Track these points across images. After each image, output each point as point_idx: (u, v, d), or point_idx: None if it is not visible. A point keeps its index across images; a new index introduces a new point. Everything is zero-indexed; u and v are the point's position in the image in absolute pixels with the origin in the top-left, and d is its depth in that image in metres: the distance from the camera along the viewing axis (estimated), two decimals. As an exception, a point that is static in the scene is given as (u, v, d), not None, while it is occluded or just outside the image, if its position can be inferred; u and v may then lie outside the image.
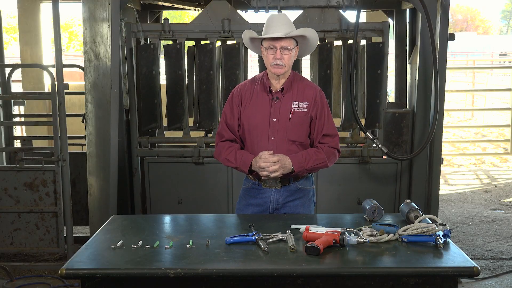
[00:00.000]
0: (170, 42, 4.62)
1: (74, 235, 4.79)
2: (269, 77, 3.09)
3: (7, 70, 5.21)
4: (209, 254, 2.47)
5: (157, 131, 4.64)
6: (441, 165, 4.50)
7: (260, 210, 3.15)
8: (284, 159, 2.98)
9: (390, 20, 4.94)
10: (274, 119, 3.05)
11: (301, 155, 3.04)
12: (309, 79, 4.75)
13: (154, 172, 4.57)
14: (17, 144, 5.53)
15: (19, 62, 9.19)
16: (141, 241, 2.58)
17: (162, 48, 4.61)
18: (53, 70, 4.71)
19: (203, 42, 4.59)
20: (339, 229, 2.58)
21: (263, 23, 4.38)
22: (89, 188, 4.39)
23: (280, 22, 3.00)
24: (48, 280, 4.48)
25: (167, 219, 3.11)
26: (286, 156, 2.99)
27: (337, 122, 4.62)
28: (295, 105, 3.05)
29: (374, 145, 4.38)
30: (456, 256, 2.43)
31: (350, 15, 4.54)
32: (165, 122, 4.64)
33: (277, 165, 2.95)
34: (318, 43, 3.85)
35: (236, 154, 3.08)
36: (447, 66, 4.45)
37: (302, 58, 4.51)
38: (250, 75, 4.02)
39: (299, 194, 3.16)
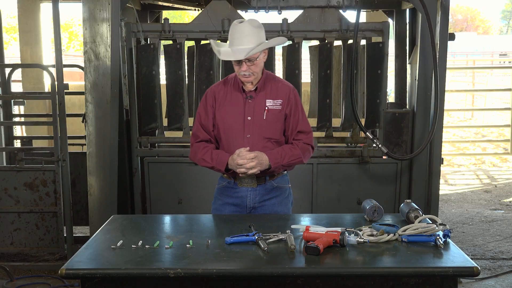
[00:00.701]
0: (170, 42, 4.62)
1: (74, 235, 4.79)
2: (239, 77, 3.11)
3: (7, 70, 5.21)
4: (209, 254, 2.47)
5: (157, 131, 4.64)
6: (441, 165, 4.50)
7: (237, 210, 3.17)
8: (260, 155, 3.00)
9: (390, 20, 4.94)
10: (249, 118, 3.07)
11: (277, 152, 3.06)
12: (309, 79, 4.78)
13: (154, 172, 4.57)
14: (17, 144, 5.53)
15: (19, 62, 9.20)
16: (141, 241, 2.58)
17: (162, 48, 4.61)
18: (53, 70, 4.71)
19: (203, 42, 4.59)
20: (339, 229, 2.57)
21: (263, 23, 4.42)
22: (89, 188, 4.39)
23: (243, 33, 2.97)
24: (48, 280, 4.48)
25: (167, 219, 3.11)
26: (263, 153, 3.01)
27: (337, 122, 4.64)
28: (269, 103, 3.08)
29: (374, 145, 4.38)
30: (456, 256, 2.43)
31: (350, 15, 4.55)
32: (165, 122, 4.64)
33: (254, 162, 2.97)
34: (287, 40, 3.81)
35: (212, 153, 3.09)
36: (447, 66, 4.45)
37: (302, 58, 4.54)
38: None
39: (275, 193, 3.18)
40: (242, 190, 3.14)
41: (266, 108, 3.07)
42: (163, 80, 4.55)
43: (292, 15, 4.58)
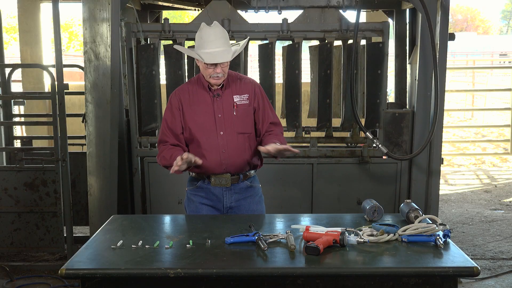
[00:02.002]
0: (170, 42, 4.62)
1: (74, 235, 4.79)
2: (206, 79, 3.13)
3: (7, 70, 5.21)
4: (209, 254, 2.47)
5: (157, 131, 4.64)
6: (441, 165, 4.50)
7: (213, 210, 3.21)
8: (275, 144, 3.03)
9: (390, 20, 4.94)
10: (220, 115, 3.12)
11: (276, 139, 3.10)
12: (309, 79, 4.78)
13: (154, 172, 4.57)
14: (17, 144, 5.53)
15: (19, 62, 9.21)
16: (141, 241, 2.58)
17: (162, 48, 4.61)
18: (53, 70, 4.71)
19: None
20: (339, 229, 2.58)
21: (263, 23, 4.43)
22: (89, 188, 4.39)
23: (217, 36, 3.02)
24: (48, 280, 4.48)
25: (167, 219, 3.12)
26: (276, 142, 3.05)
27: (337, 122, 4.64)
28: (236, 98, 3.14)
29: (374, 145, 4.38)
30: (456, 256, 2.43)
31: (350, 15, 4.55)
32: (165, 122, 4.63)
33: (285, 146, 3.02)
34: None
35: (172, 152, 3.10)
36: (447, 66, 4.45)
37: (302, 58, 4.54)
38: (249, 75, 4.03)
39: (250, 192, 3.24)
40: (216, 190, 3.18)
41: (235, 104, 3.13)
42: (163, 80, 4.55)
43: (292, 15, 4.58)
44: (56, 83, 4.50)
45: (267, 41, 4.48)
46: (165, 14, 5.52)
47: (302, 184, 4.53)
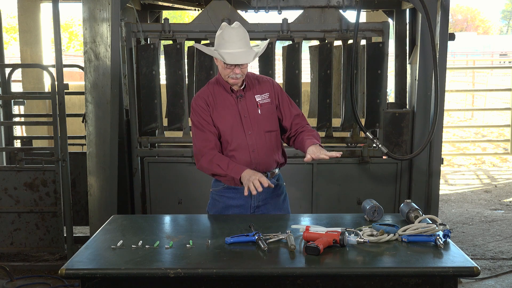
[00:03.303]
0: (170, 42, 4.62)
1: (74, 235, 4.79)
2: (224, 79, 3.11)
3: (7, 70, 5.21)
4: (209, 254, 2.47)
5: (157, 131, 4.64)
6: (441, 165, 4.50)
7: (240, 211, 3.17)
8: (318, 150, 2.99)
9: (390, 20, 4.94)
10: (245, 116, 3.12)
11: (313, 138, 3.09)
12: (309, 79, 4.78)
13: (154, 172, 4.57)
14: (17, 144, 5.53)
15: (19, 62, 9.21)
16: (141, 241, 2.58)
17: (162, 48, 4.61)
18: (53, 70, 4.71)
19: (203, 42, 4.59)
20: (339, 229, 2.58)
21: (263, 23, 4.43)
22: (89, 188, 4.39)
23: (239, 36, 3.00)
24: (48, 280, 4.49)
25: (167, 219, 3.12)
26: (315, 146, 3.01)
27: (337, 122, 4.64)
28: (258, 98, 3.15)
29: (374, 145, 4.38)
30: (456, 256, 2.43)
31: (350, 15, 4.55)
32: (165, 122, 4.63)
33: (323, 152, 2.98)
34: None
35: (228, 162, 3.05)
36: (447, 66, 4.45)
37: (302, 58, 4.54)
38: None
39: (277, 191, 3.23)
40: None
41: (258, 104, 3.14)
42: (163, 80, 4.55)
43: (292, 15, 4.58)
44: (56, 83, 4.50)
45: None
46: (165, 14, 5.52)
47: (302, 184, 4.53)
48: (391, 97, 5.37)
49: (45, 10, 8.64)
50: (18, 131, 6.41)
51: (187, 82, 4.63)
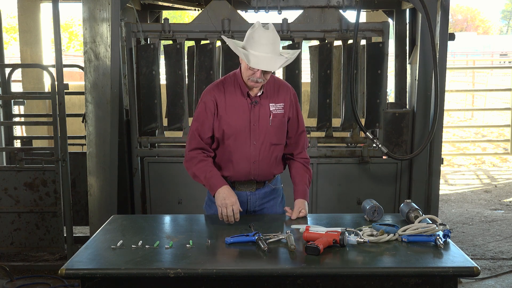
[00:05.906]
0: (170, 42, 4.62)
1: (74, 235, 4.79)
2: (244, 82, 2.94)
3: (7, 70, 5.21)
4: (209, 254, 2.47)
5: (157, 131, 4.64)
6: (441, 165, 4.50)
7: None
8: (303, 205, 3.01)
9: (390, 20, 4.94)
10: (254, 124, 2.95)
11: (305, 189, 3.08)
12: (309, 79, 4.77)
13: (154, 172, 4.57)
14: (17, 144, 5.53)
15: (19, 62, 9.20)
16: (141, 241, 2.58)
17: (162, 48, 4.61)
18: (53, 70, 4.71)
19: (203, 42, 4.59)
20: (339, 229, 2.58)
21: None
22: (89, 188, 4.39)
23: (269, 40, 2.84)
24: (48, 280, 4.49)
25: (167, 219, 3.11)
26: (302, 201, 3.02)
27: (337, 122, 4.64)
28: (272, 107, 2.97)
29: (374, 145, 4.38)
30: (456, 256, 2.43)
31: (350, 15, 4.55)
32: (165, 122, 4.63)
33: (304, 212, 3.00)
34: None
35: (206, 172, 2.95)
36: (447, 66, 4.45)
37: (302, 58, 4.54)
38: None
39: (273, 195, 3.16)
40: (240, 194, 3.03)
41: (271, 113, 2.96)
42: (163, 80, 4.55)
43: (292, 15, 4.58)
44: (56, 83, 4.50)
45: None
46: (165, 14, 5.52)
47: (302, 184, 4.52)
48: (391, 97, 5.37)
49: (45, 10, 8.64)
50: (18, 131, 6.41)
51: (187, 82, 4.63)
